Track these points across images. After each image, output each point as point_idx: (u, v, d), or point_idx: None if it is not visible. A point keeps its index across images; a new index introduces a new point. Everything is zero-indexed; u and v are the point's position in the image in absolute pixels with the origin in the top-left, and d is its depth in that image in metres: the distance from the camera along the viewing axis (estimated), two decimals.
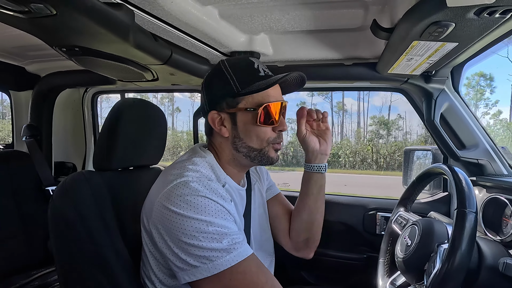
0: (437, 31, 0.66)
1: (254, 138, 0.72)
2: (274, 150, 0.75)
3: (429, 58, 0.85)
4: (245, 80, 0.70)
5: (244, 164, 0.77)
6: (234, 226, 0.63)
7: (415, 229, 0.80)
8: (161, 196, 0.62)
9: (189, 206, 0.59)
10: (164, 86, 1.59)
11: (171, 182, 0.63)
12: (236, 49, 1.10)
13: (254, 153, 0.73)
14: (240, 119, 0.71)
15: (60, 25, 0.71)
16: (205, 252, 0.57)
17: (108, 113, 0.88)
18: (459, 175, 0.71)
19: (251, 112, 0.70)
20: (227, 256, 0.58)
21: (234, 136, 0.73)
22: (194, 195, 0.60)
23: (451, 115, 1.13)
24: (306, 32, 1.04)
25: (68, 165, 1.86)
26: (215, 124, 0.73)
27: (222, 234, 0.59)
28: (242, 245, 0.60)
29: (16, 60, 1.50)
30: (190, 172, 0.65)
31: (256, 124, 0.70)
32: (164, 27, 0.89)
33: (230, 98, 0.71)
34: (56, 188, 0.76)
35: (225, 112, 0.72)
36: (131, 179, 0.92)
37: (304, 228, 0.89)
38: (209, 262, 0.57)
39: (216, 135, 0.76)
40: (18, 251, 1.27)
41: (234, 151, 0.74)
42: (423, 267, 0.74)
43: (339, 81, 1.24)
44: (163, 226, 0.61)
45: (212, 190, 0.62)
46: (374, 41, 0.95)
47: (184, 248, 0.58)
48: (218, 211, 0.61)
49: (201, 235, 0.58)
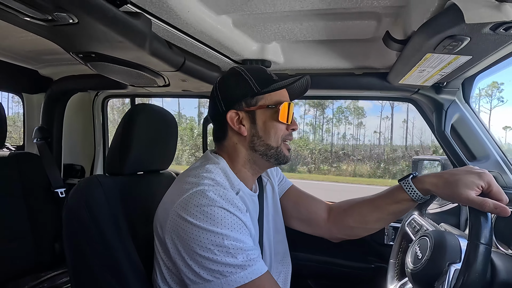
0: (452, 44, 0.66)
1: (272, 135, 0.74)
2: (287, 149, 0.78)
3: (441, 70, 0.85)
4: (262, 82, 0.74)
5: (259, 164, 0.77)
6: (250, 240, 0.63)
7: (427, 242, 0.79)
8: (177, 205, 0.62)
9: (206, 218, 0.59)
10: (174, 92, 1.60)
11: (187, 191, 0.63)
12: (248, 57, 1.11)
13: (271, 151, 0.75)
14: (260, 116, 0.74)
15: (80, 33, 0.73)
16: (219, 266, 0.57)
17: (121, 118, 0.89)
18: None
19: (271, 109, 0.74)
20: (241, 272, 0.57)
21: (253, 135, 0.74)
22: (211, 205, 0.60)
23: (461, 126, 1.13)
24: (317, 42, 1.05)
25: (77, 167, 1.87)
26: (233, 123, 0.74)
27: (238, 249, 0.59)
28: (257, 262, 0.60)
29: (30, 64, 1.53)
30: (206, 180, 0.65)
31: (276, 120, 0.73)
32: (179, 35, 0.90)
33: (249, 98, 0.73)
34: (71, 191, 0.77)
35: (243, 111, 0.74)
36: (142, 183, 0.93)
37: (358, 222, 0.86)
38: (222, 277, 0.57)
39: (232, 136, 0.76)
40: (26, 252, 1.28)
41: (251, 150, 0.75)
42: (432, 284, 0.73)
43: (349, 91, 1.25)
44: (178, 236, 0.61)
45: (229, 201, 0.62)
46: (385, 51, 0.95)
47: (198, 260, 0.58)
48: (234, 224, 0.60)
49: (216, 249, 0.57)
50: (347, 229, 0.89)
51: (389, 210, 0.80)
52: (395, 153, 16.42)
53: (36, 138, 1.59)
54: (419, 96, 1.16)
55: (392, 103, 16.55)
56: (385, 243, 1.32)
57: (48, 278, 1.20)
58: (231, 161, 0.77)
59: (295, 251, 1.19)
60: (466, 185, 0.64)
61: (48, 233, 1.35)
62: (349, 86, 1.19)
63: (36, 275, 1.20)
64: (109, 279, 0.71)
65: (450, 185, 0.67)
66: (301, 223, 0.95)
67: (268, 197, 0.89)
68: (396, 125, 18.54)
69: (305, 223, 0.94)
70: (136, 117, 0.88)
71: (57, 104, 1.70)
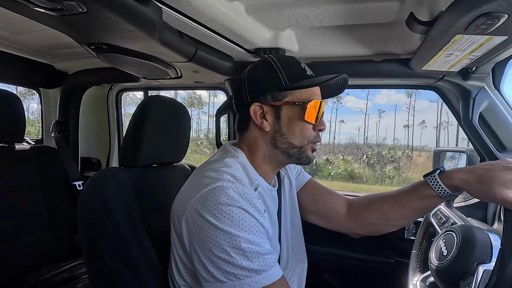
0: (486, 23, 0.60)
1: (297, 134, 0.70)
2: (312, 150, 0.74)
3: (471, 53, 0.79)
4: (294, 76, 0.69)
5: (280, 161, 0.74)
6: (267, 243, 0.61)
7: (453, 238, 0.74)
8: (195, 201, 0.60)
9: (224, 218, 0.57)
10: (186, 84, 1.59)
11: (206, 186, 0.61)
12: (261, 45, 1.07)
13: (294, 150, 0.71)
14: (285, 113, 0.70)
15: (90, 22, 0.72)
16: (234, 269, 0.56)
17: (134, 111, 0.88)
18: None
19: (299, 107, 0.69)
20: (256, 277, 0.56)
21: (275, 131, 0.70)
22: (230, 205, 0.58)
23: (491, 115, 1.06)
24: (334, 28, 1.00)
25: (93, 160, 1.91)
26: (256, 117, 0.70)
27: (255, 252, 0.57)
28: (272, 267, 0.58)
29: (46, 58, 1.55)
30: (225, 176, 0.63)
31: (302, 119, 0.69)
32: (190, 24, 0.88)
33: (276, 92, 0.69)
34: (85, 184, 0.77)
35: (268, 105, 0.70)
36: (156, 176, 0.92)
37: (379, 218, 0.83)
38: (236, 280, 0.55)
39: (254, 129, 0.73)
40: (46, 243, 1.31)
41: (272, 146, 0.72)
42: (458, 282, 0.68)
43: (368, 79, 1.19)
44: (194, 233, 0.59)
45: (248, 200, 0.60)
46: (407, 35, 0.89)
47: (213, 260, 0.57)
48: (252, 226, 0.58)
49: (233, 251, 0.56)
50: (367, 226, 0.85)
51: (413, 206, 0.75)
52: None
53: (53, 132, 1.63)
54: (444, 83, 1.09)
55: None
56: (405, 238, 1.27)
57: (68, 268, 1.23)
58: (250, 155, 0.74)
59: (311, 244, 1.17)
60: (502, 183, 0.58)
61: (66, 224, 1.38)
62: (368, 74, 1.13)
63: (56, 265, 1.23)
64: (123, 272, 0.71)
65: (484, 182, 0.61)
66: (319, 217, 0.92)
67: (285, 191, 0.86)
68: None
69: (323, 218, 0.91)
70: (149, 109, 0.87)
71: (72, 98, 1.72)
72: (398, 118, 18.87)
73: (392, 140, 18.05)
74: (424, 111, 26.65)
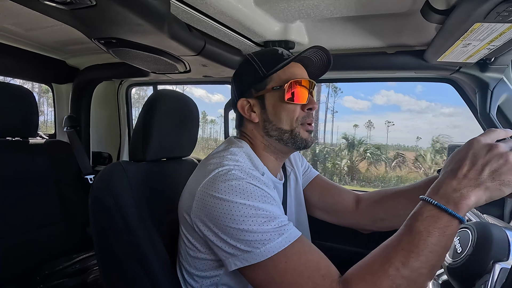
0: (508, 10, 0.57)
1: (283, 118, 0.70)
2: (306, 131, 0.73)
3: (490, 43, 0.75)
4: (269, 63, 0.71)
5: (279, 149, 0.75)
6: (280, 210, 0.61)
7: (468, 235, 0.72)
8: (203, 185, 0.61)
9: (235, 192, 0.57)
10: (195, 78, 1.59)
11: (212, 172, 0.62)
12: (270, 38, 1.06)
13: (286, 135, 0.71)
14: (269, 101, 0.72)
15: (99, 16, 0.72)
16: (256, 236, 0.55)
17: (143, 105, 0.88)
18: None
19: (278, 91, 0.70)
20: (279, 238, 0.55)
21: (264, 120, 0.73)
22: (239, 181, 0.59)
23: (510, 108, 1.01)
24: (345, 19, 0.97)
25: (104, 155, 1.94)
26: (244, 111, 0.74)
27: (270, 217, 0.57)
28: (291, 226, 0.58)
29: (58, 54, 1.58)
30: (230, 162, 0.64)
31: (284, 101, 0.70)
32: (199, 17, 0.87)
33: (257, 83, 0.72)
34: (96, 177, 0.78)
35: (253, 97, 0.73)
36: (165, 170, 0.93)
37: (390, 214, 0.82)
38: (261, 246, 0.54)
39: (247, 123, 0.76)
40: (59, 236, 1.35)
41: (266, 136, 0.73)
42: (473, 281, 0.66)
43: (380, 71, 1.16)
44: (207, 215, 0.59)
45: (255, 177, 0.61)
46: (422, 26, 0.86)
47: (234, 234, 0.56)
48: (263, 196, 0.58)
49: (250, 220, 0.55)
50: (377, 221, 0.84)
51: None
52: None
53: (66, 126, 1.66)
54: (460, 75, 1.05)
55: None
56: None
57: (80, 260, 1.26)
58: (253, 146, 0.76)
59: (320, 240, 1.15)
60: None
61: (79, 217, 1.41)
62: (380, 67, 1.10)
63: (69, 257, 1.26)
64: (133, 264, 0.71)
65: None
66: (327, 213, 0.92)
67: (291, 187, 0.86)
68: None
69: (331, 213, 0.91)
70: (157, 103, 0.87)
71: (83, 93, 1.75)
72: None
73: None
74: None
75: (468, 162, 0.50)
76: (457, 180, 0.50)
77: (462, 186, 0.49)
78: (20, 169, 1.27)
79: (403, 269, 0.48)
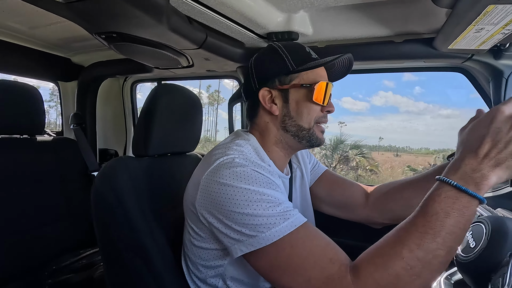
0: None
1: (304, 116, 0.70)
2: (321, 132, 0.74)
3: (505, 27, 0.71)
4: (299, 59, 0.70)
5: (291, 145, 0.74)
6: (285, 197, 0.60)
7: (482, 229, 0.69)
8: (207, 174, 0.60)
9: (239, 177, 0.57)
10: (199, 73, 1.57)
11: (216, 161, 0.61)
12: (273, 29, 1.03)
13: (303, 132, 0.71)
14: (293, 96, 0.71)
15: (96, 9, 0.71)
16: (261, 219, 0.54)
17: (145, 100, 0.87)
18: None
19: (306, 89, 0.70)
20: (284, 222, 0.54)
21: (284, 114, 0.71)
22: (244, 168, 0.58)
23: None
24: (350, 7, 0.93)
25: (111, 151, 1.95)
26: (265, 102, 0.72)
27: (275, 202, 0.56)
28: (296, 212, 0.57)
29: (63, 52, 1.59)
30: (234, 152, 0.64)
31: (310, 101, 0.70)
32: (199, 8, 0.85)
33: (284, 76, 0.70)
34: (98, 173, 0.77)
35: (276, 89, 0.71)
36: (168, 165, 0.92)
37: (401, 205, 0.80)
38: (266, 230, 0.53)
39: (263, 115, 0.74)
40: (66, 232, 1.36)
41: (282, 130, 0.72)
42: (488, 275, 0.63)
43: (388, 61, 1.12)
44: (212, 202, 0.58)
45: (260, 166, 0.61)
46: (431, 11, 0.82)
47: (238, 219, 0.55)
48: (267, 183, 0.58)
49: (254, 204, 0.55)
50: (388, 213, 0.82)
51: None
52: None
53: (72, 124, 1.67)
54: (473, 64, 1.00)
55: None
56: None
57: (86, 255, 1.27)
58: (262, 140, 0.74)
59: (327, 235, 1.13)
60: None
61: (85, 213, 1.42)
62: (388, 56, 1.06)
63: (76, 252, 1.28)
64: (135, 260, 0.71)
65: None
66: (336, 208, 0.90)
67: (297, 183, 0.85)
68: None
69: (341, 208, 0.89)
70: (160, 98, 0.86)
71: (88, 91, 1.76)
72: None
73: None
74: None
75: (490, 139, 0.47)
76: (478, 160, 0.47)
77: (483, 166, 0.47)
78: (27, 166, 1.28)
79: (417, 251, 0.47)
